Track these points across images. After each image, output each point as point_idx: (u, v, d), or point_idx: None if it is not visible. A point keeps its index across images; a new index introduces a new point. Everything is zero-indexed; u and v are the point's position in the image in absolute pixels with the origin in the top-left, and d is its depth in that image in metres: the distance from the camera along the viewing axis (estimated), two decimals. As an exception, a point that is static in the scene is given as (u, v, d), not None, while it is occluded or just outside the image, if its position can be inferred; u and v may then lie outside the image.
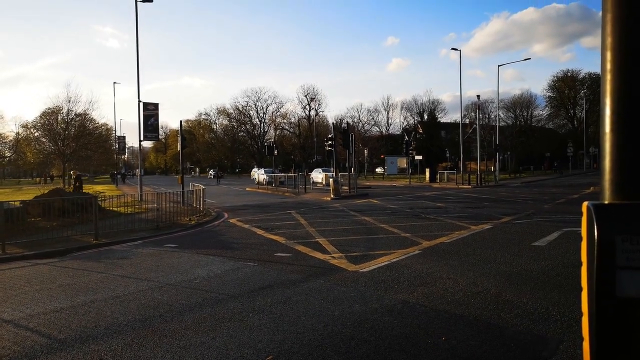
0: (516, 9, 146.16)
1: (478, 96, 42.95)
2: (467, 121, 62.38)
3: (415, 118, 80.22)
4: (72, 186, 23.55)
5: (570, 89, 75.71)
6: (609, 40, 1.02)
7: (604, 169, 1.03)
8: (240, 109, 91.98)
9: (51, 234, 11.75)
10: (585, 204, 0.98)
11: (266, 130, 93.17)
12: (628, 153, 0.99)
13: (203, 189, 18.19)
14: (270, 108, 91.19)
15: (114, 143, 52.14)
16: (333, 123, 40.60)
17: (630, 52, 0.99)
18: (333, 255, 9.03)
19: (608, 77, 1.03)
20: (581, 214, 1.01)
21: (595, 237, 0.92)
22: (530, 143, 66.62)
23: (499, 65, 41.48)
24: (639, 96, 0.98)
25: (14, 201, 14.64)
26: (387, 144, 75.34)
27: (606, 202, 1.00)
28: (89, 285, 7.28)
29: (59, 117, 36.93)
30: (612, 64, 1.02)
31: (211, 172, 61.70)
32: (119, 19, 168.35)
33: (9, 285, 7.46)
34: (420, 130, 75.31)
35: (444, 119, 78.89)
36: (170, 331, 5.09)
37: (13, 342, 4.90)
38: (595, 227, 0.93)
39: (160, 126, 33.01)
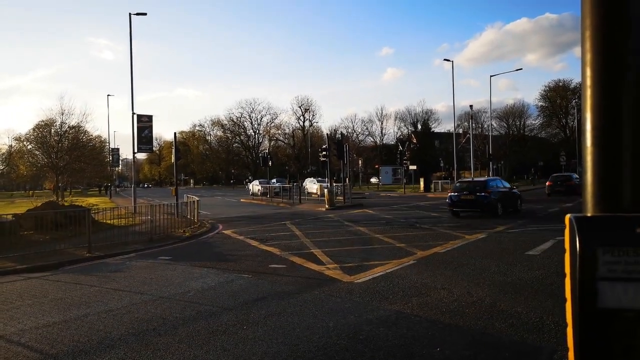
0: (509, 19, 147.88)
1: (471, 106, 43.31)
2: (461, 131, 62.76)
3: (409, 128, 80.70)
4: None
5: (562, 98, 76.47)
6: (588, 56, 1.05)
7: (585, 182, 1.05)
8: (235, 120, 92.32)
9: (44, 248, 11.67)
10: (567, 216, 1.00)
11: (260, 141, 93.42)
12: (609, 166, 1.01)
13: (197, 201, 18.15)
14: (265, 119, 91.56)
15: (107, 155, 51.95)
16: (327, 134, 40.77)
17: (609, 69, 1.02)
18: (328, 266, 9.01)
19: (588, 92, 1.06)
20: None
21: (578, 249, 0.94)
22: (524, 152, 67.09)
23: (491, 76, 41.89)
24: (618, 111, 1.01)
25: (7, 214, 14.53)
26: (382, 154, 75.62)
27: (588, 214, 1.03)
28: (82, 299, 7.21)
29: (53, 130, 36.80)
30: (592, 80, 1.05)
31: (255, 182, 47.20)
32: (113, 30, 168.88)
33: (0, 299, 7.38)
34: (414, 140, 75.67)
35: (437, 128, 79.45)
36: (163, 345, 5.05)
37: (4, 357, 4.84)
38: (577, 239, 0.94)
39: (154, 138, 33.00)
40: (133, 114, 25.72)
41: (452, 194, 18.68)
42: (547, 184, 29.45)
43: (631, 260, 0.92)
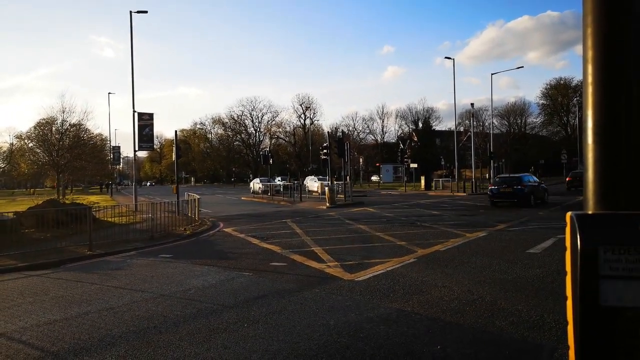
0: (511, 17, 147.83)
1: (472, 104, 43.31)
2: (462, 129, 62.67)
3: (410, 126, 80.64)
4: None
5: (563, 96, 76.32)
6: (590, 53, 1.05)
7: (587, 180, 1.05)
8: (236, 118, 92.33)
9: (45, 245, 11.68)
10: (568, 214, 0.99)
11: (261, 139, 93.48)
12: (610, 164, 1.01)
13: (198, 199, 18.15)
14: (266, 117, 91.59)
15: (108, 153, 51.98)
16: (328, 132, 40.68)
17: (611, 66, 1.02)
18: (328, 264, 9.01)
19: (590, 89, 1.06)
20: None
21: (579, 246, 0.94)
22: (525, 150, 66.98)
23: (492, 74, 41.78)
24: (619, 108, 1.01)
25: (7, 212, 14.55)
26: (382, 152, 75.58)
27: (589, 212, 1.02)
28: (83, 296, 7.22)
29: (54, 128, 36.74)
30: (594, 77, 1.04)
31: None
32: (114, 28, 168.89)
33: (1, 297, 7.39)
34: (415, 138, 75.62)
35: (438, 126, 79.38)
36: (164, 342, 5.06)
37: (5, 355, 4.85)
38: (579, 237, 0.94)
39: (155, 136, 33.02)
40: (134, 111, 25.74)
41: (493, 187, 22.18)
42: (567, 179, 34.62)
43: (632, 258, 0.91)
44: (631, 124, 0.99)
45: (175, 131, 23.29)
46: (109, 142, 53.68)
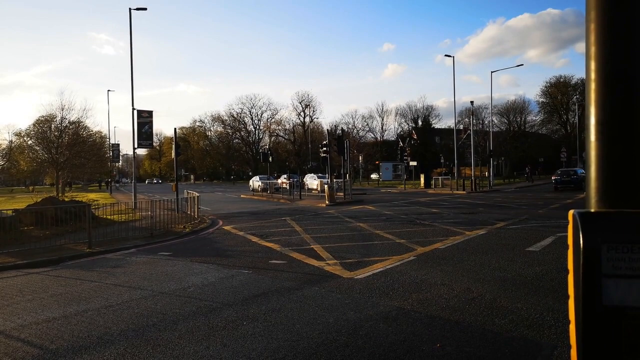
0: (511, 14, 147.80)
1: (472, 102, 43.28)
2: (462, 127, 62.52)
3: (410, 124, 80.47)
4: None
5: (562, 94, 76.22)
6: (593, 49, 1.03)
7: (589, 177, 1.04)
8: (235, 115, 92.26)
9: (44, 243, 11.67)
10: (571, 212, 0.98)
11: (261, 137, 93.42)
12: (613, 161, 1.00)
13: (197, 197, 18.13)
14: (265, 115, 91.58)
15: (108, 151, 51.91)
16: (328, 129, 40.65)
17: (614, 62, 1.00)
18: (328, 262, 9.01)
19: (592, 86, 1.05)
20: None
21: (581, 245, 0.93)
22: (524, 149, 66.94)
23: (492, 72, 41.74)
24: (622, 105, 1.00)
25: (7, 210, 14.54)
26: (382, 150, 75.48)
27: (592, 210, 1.01)
28: (82, 294, 7.22)
29: (53, 125, 36.68)
30: (596, 74, 1.03)
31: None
32: (114, 25, 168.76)
33: (0, 295, 7.38)
34: (415, 136, 75.54)
35: (438, 124, 79.22)
36: (163, 340, 5.05)
37: (4, 353, 4.85)
38: (581, 235, 0.93)
39: (154, 133, 32.98)
40: (133, 109, 25.72)
41: (556, 177, 32.23)
42: None
43: (635, 257, 0.90)
44: (634, 120, 0.98)
45: (175, 129, 23.27)
46: (108, 139, 53.64)
